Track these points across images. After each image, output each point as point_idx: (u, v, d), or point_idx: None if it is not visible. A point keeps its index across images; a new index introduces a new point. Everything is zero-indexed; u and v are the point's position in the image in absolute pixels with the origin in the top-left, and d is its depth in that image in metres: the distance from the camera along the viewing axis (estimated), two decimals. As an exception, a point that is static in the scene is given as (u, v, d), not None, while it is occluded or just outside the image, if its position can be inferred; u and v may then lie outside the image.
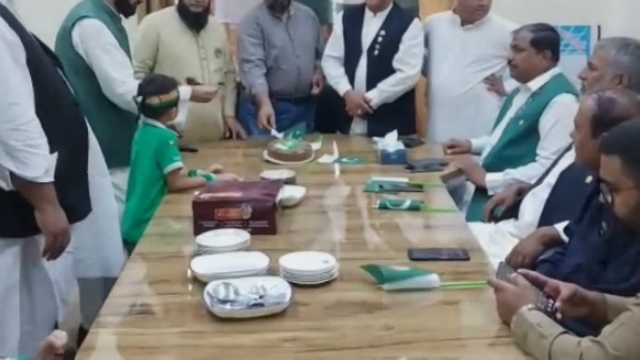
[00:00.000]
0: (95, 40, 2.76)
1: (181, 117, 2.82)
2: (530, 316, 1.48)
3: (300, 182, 2.68)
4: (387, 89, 3.43)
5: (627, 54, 2.37)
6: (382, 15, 3.45)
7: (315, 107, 3.74)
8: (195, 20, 3.28)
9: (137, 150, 2.58)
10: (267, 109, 3.41)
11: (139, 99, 2.56)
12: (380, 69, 3.43)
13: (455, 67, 3.44)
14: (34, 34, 2.04)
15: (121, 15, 2.94)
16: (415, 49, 3.43)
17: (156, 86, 2.58)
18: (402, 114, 3.49)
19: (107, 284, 2.50)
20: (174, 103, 2.61)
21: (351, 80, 3.49)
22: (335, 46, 3.54)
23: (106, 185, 2.33)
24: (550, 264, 2.09)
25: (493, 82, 3.42)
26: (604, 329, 1.40)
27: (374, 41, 3.44)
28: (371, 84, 3.45)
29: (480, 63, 3.39)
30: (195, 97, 3.03)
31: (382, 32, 3.43)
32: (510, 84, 3.34)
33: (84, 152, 2.11)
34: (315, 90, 3.60)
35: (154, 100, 2.55)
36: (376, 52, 3.44)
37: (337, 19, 3.67)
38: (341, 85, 3.49)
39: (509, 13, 3.45)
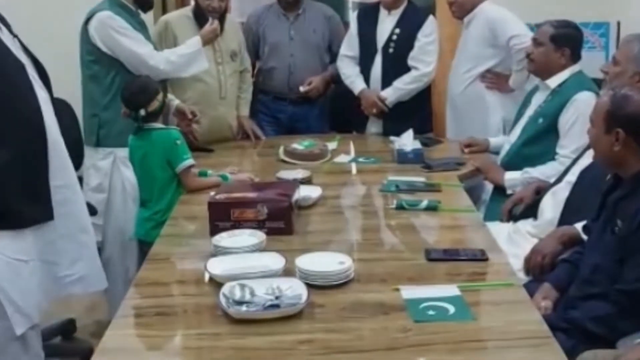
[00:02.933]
0: (109, 28, 2.88)
1: (204, 63, 3.10)
2: None
3: (316, 182, 2.66)
4: (402, 87, 3.40)
5: None
6: (397, 13, 3.43)
7: (330, 107, 3.73)
8: None
9: (143, 155, 2.55)
10: None
11: (142, 112, 2.50)
12: (396, 67, 3.41)
13: (454, 70, 3.45)
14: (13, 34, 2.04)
15: (139, 11, 3.02)
16: (430, 46, 3.40)
17: (150, 90, 2.54)
18: (418, 113, 3.47)
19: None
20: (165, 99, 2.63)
21: (366, 78, 3.47)
22: (350, 45, 3.52)
23: (76, 199, 2.24)
24: (570, 263, 2.07)
25: (493, 80, 3.31)
26: None
27: (389, 39, 3.42)
28: (386, 82, 3.43)
29: (470, 61, 3.33)
30: (206, 41, 3.13)
31: (397, 30, 3.41)
32: (519, 76, 3.21)
33: (38, 160, 2.01)
34: (303, 89, 3.54)
35: (155, 105, 2.53)
36: (391, 50, 3.42)
37: (352, 18, 3.65)
38: (356, 84, 3.48)
39: (527, 10, 3.40)
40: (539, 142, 2.80)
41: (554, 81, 2.82)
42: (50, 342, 2.75)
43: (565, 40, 2.79)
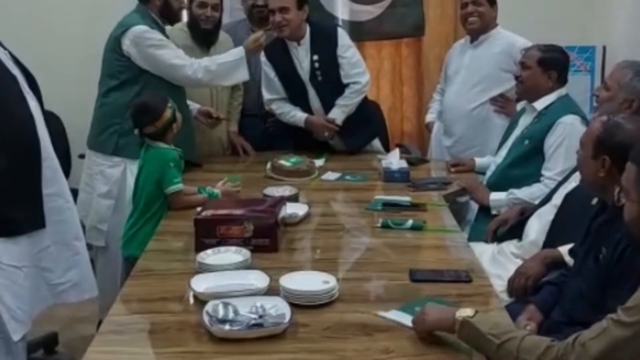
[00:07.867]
0: (144, 42, 2.89)
1: (245, 74, 3.11)
2: (477, 324, 1.47)
3: (303, 199, 2.67)
4: (348, 103, 3.35)
5: None
6: (306, 41, 3.30)
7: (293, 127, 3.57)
8: (205, 37, 3.28)
9: (140, 168, 2.58)
10: None
11: (136, 131, 2.53)
12: (331, 90, 3.33)
13: (462, 87, 3.42)
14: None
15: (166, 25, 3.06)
16: (354, 58, 3.35)
17: (149, 115, 2.51)
18: (371, 117, 3.48)
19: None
20: (171, 122, 2.55)
21: (308, 112, 3.38)
22: (272, 89, 3.39)
23: (68, 207, 2.27)
24: (554, 286, 2.07)
25: (503, 104, 3.35)
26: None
27: (312, 68, 3.31)
28: (328, 109, 3.36)
29: (486, 82, 3.35)
30: (250, 51, 3.13)
31: (315, 57, 3.30)
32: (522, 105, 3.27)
33: (31, 168, 2.06)
34: None
35: (151, 129, 2.51)
36: (320, 79, 3.32)
37: (263, 62, 3.39)
38: (298, 116, 3.37)
39: (514, 33, 3.45)
40: (525, 164, 2.83)
41: (540, 104, 2.85)
42: (32, 356, 2.73)
43: (552, 63, 2.83)
